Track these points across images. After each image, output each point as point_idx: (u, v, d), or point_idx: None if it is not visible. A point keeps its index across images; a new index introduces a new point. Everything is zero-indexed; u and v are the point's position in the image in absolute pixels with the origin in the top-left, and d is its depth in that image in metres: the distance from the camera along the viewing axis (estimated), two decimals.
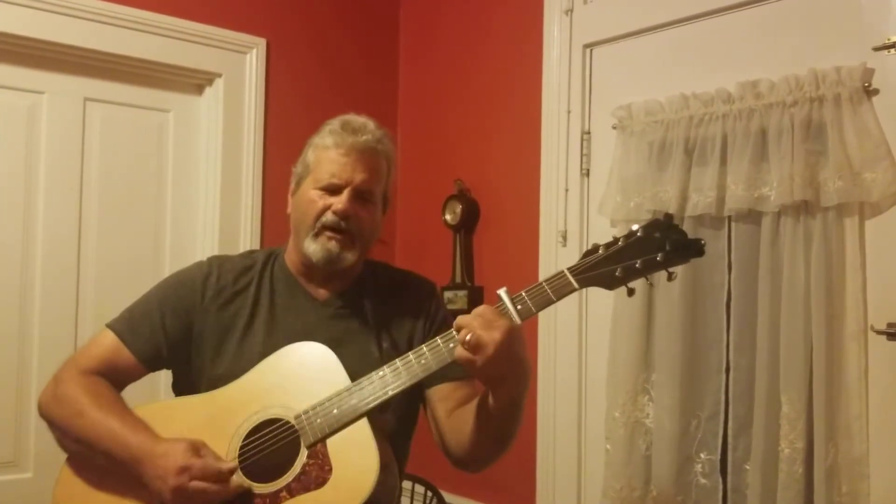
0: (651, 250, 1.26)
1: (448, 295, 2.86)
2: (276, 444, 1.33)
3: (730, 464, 2.13)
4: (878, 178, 1.87)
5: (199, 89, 2.89)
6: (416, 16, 3.25)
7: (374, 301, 1.53)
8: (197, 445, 1.32)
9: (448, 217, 2.93)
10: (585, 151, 2.56)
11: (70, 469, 1.41)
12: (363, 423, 1.31)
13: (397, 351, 1.49)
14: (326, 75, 3.07)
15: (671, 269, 1.27)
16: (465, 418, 1.42)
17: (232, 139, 2.84)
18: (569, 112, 2.59)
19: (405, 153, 3.18)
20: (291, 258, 1.54)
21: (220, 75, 2.82)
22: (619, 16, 2.48)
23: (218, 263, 1.54)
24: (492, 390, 1.30)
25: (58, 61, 2.59)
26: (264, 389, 1.37)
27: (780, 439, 1.99)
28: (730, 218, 2.15)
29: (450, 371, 1.44)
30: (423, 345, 1.32)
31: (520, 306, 1.26)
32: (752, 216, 2.11)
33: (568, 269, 1.28)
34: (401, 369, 1.31)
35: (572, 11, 2.60)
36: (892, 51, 1.88)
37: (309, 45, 3.04)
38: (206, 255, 2.75)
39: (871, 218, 1.92)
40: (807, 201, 1.97)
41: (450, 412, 1.47)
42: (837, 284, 1.93)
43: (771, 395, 2.02)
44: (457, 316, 1.27)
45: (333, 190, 1.44)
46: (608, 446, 2.37)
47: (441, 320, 1.58)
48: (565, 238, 2.58)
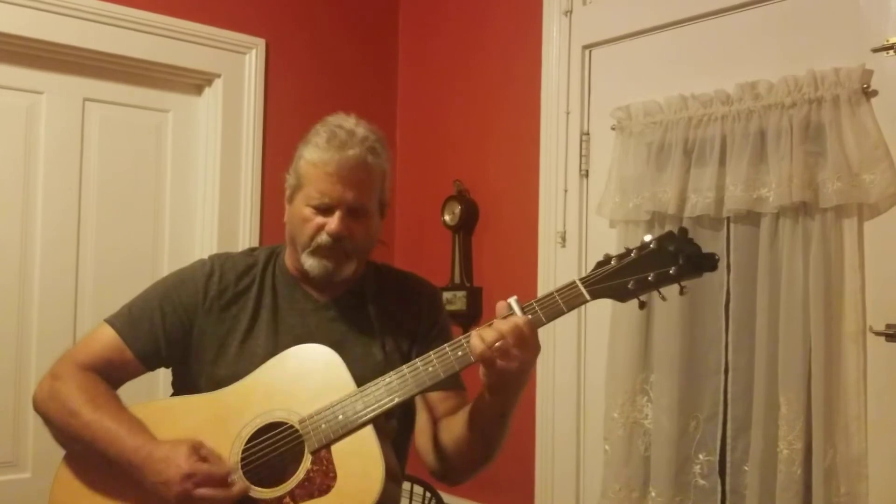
0: (664, 263, 1.24)
1: (447, 295, 2.86)
2: (279, 449, 1.31)
3: (728, 464, 2.13)
4: (876, 179, 1.88)
5: (198, 89, 2.89)
6: (416, 17, 3.25)
7: (376, 303, 1.51)
8: (198, 448, 1.30)
9: (447, 218, 2.93)
10: (584, 152, 2.56)
11: (67, 468, 1.39)
12: (368, 429, 1.29)
13: (399, 353, 1.48)
14: (325, 76, 3.07)
15: (683, 283, 1.26)
16: (452, 428, 1.41)
17: (231, 139, 2.84)
18: (568, 113, 2.59)
19: (404, 154, 3.19)
20: (291, 261, 1.52)
21: (219, 76, 2.82)
22: (618, 17, 2.49)
23: (220, 262, 1.52)
24: (490, 395, 1.29)
25: (57, 61, 2.58)
26: (268, 392, 1.35)
27: (778, 440, 1.99)
28: (728, 219, 2.16)
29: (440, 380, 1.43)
30: (431, 352, 1.30)
31: (530, 316, 1.25)
32: (750, 217, 2.11)
33: (580, 279, 1.26)
34: (408, 376, 1.29)
35: (571, 12, 2.60)
36: (891, 52, 1.89)
37: (308, 46, 3.04)
38: (205, 254, 2.76)
39: (870, 219, 1.92)
40: (805, 202, 1.98)
41: (436, 420, 1.46)
42: (836, 285, 1.94)
43: (770, 395, 2.03)
44: (456, 317, 1.26)
45: (325, 209, 1.41)
46: (607, 447, 2.37)
47: (443, 323, 1.57)
48: (564, 239, 2.58)
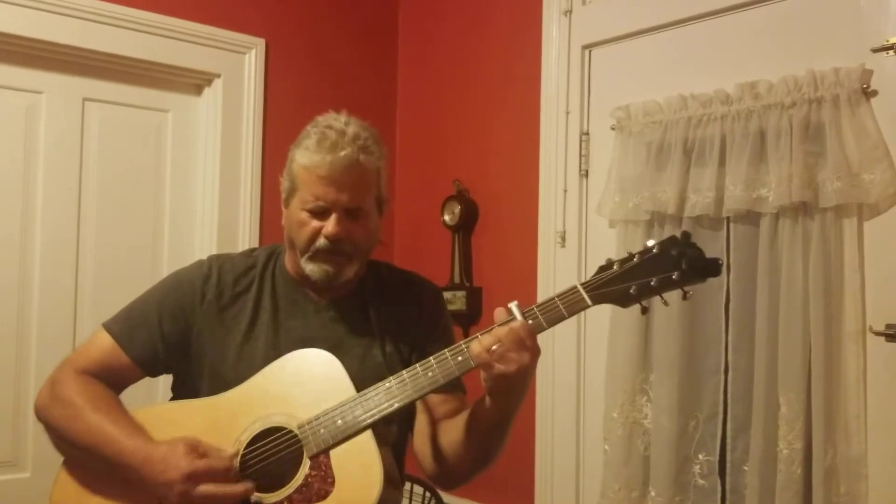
0: (667, 268, 1.22)
1: (447, 295, 2.85)
2: (278, 454, 1.31)
3: (728, 464, 2.13)
4: (876, 179, 1.88)
5: (197, 89, 2.89)
6: (415, 17, 3.25)
7: (376, 304, 1.50)
8: (195, 445, 1.29)
9: (447, 217, 2.93)
10: (584, 152, 2.56)
11: (67, 471, 1.39)
12: (367, 435, 1.28)
13: (400, 355, 1.47)
14: (325, 76, 3.07)
15: (687, 289, 1.24)
16: (451, 431, 1.40)
17: (230, 139, 2.84)
18: (567, 113, 2.59)
19: (404, 154, 3.19)
20: (291, 263, 1.50)
21: (218, 76, 2.82)
22: (617, 17, 2.49)
23: (218, 264, 1.51)
24: (491, 400, 1.28)
25: (57, 61, 2.58)
26: (268, 396, 1.35)
27: (778, 440, 1.99)
28: (728, 219, 2.15)
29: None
30: (431, 357, 1.29)
31: (531, 321, 1.24)
32: (750, 217, 2.11)
33: (581, 284, 1.25)
34: (407, 381, 1.28)
35: (571, 12, 2.60)
36: (891, 52, 1.89)
37: (308, 46, 3.04)
38: (205, 254, 2.76)
39: (870, 219, 1.92)
40: (805, 202, 1.98)
41: (434, 423, 1.45)
42: (836, 285, 1.94)
43: (769, 395, 2.03)
44: (456, 317, 1.25)
45: (320, 212, 1.39)
46: (606, 447, 2.37)
47: (444, 325, 1.56)
48: (564, 239, 2.58)
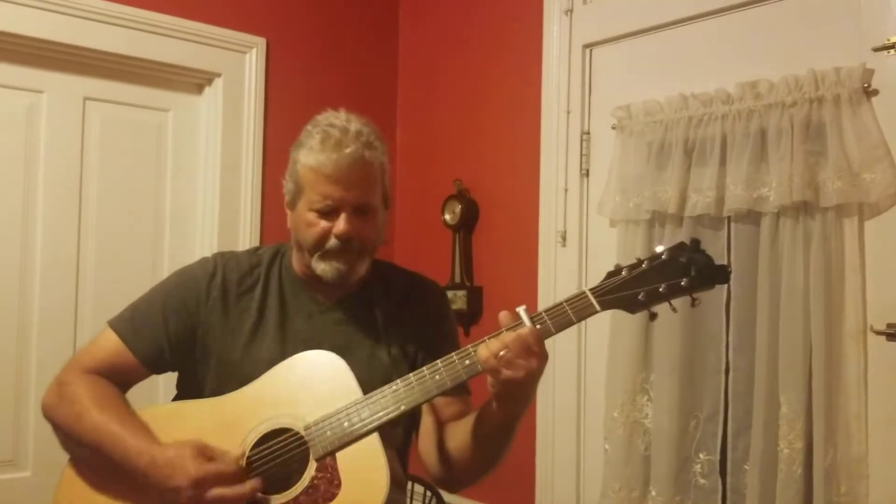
0: (676, 274, 1.22)
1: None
2: (284, 455, 1.30)
3: (729, 464, 2.13)
4: (877, 178, 1.87)
5: (198, 89, 2.89)
6: (416, 16, 3.25)
7: (382, 305, 1.49)
8: (203, 449, 1.28)
9: (447, 217, 2.93)
10: (585, 151, 2.56)
11: (72, 470, 1.39)
12: (374, 437, 1.28)
13: (406, 356, 1.47)
14: (326, 75, 3.07)
15: (695, 295, 1.23)
16: (456, 434, 1.40)
17: (231, 139, 2.84)
18: (568, 112, 2.59)
19: (404, 153, 3.18)
20: (297, 263, 1.49)
21: (219, 75, 2.82)
22: (618, 16, 2.49)
23: (223, 262, 1.49)
24: (497, 404, 1.28)
25: (57, 60, 2.58)
26: (274, 398, 1.34)
27: (779, 439, 1.99)
28: (729, 218, 2.15)
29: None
30: (438, 360, 1.28)
31: (539, 326, 1.23)
32: (751, 216, 2.11)
33: (590, 289, 1.24)
34: (414, 384, 1.28)
35: (572, 11, 2.60)
36: (892, 51, 1.88)
37: (308, 46, 3.04)
38: (206, 253, 2.76)
39: (871, 218, 1.92)
40: (806, 202, 1.97)
41: (440, 425, 1.44)
42: (836, 285, 1.93)
43: (770, 395, 2.02)
44: (456, 317, 1.24)
45: (329, 212, 1.38)
46: (607, 446, 2.37)
47: (449, 325, 1.56)
48: (564, 238, 2.58)
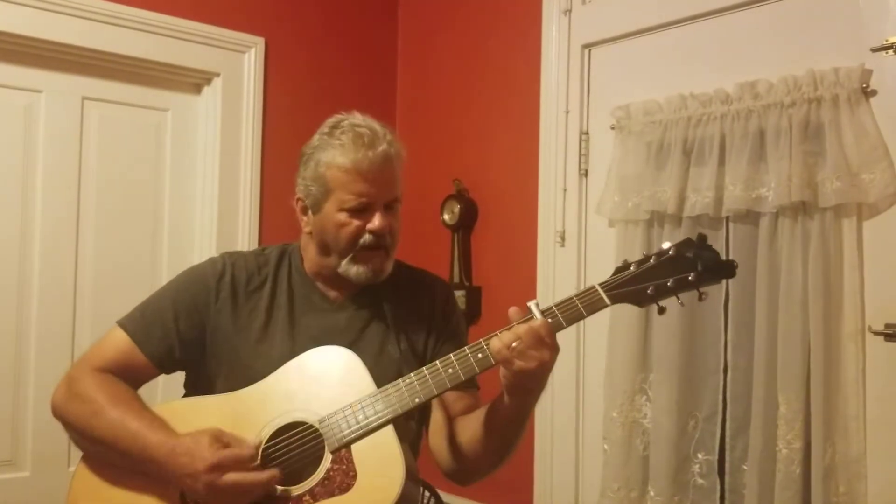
0: (683, 269, 1.26)
1: None
2: (299, 448, 1.31)
3: (727, 464, 2.13)
4: (875, 178, 1.88)
5: (197, 88, 2.89)
6: (415, 15, 3.25)
7: (390, 301, 1.51)
8: (219, 436, 1.29)
9: (446, 217, 2.93)
10: (584, 151, 2.56)
11: (86, 466, 1.39)
12: (388, 430, 1.29)
13: (415, 350, 1.49)
14: (325, 75, 3.07)
15: (703, 290, 1.27)
16: (467, 428, 1.41)
17: (230, 138, 2.84)
18: (567, 112, 2.59)
19: None
20: (309, 262, 1.51)
21: (218, 74, 2.82)
22: (617, 16, 2.49)
23: (231, 262, 1.51)
24: (509, 397, 1.29)
25: (56, 60, 2.58)
26: (288, 392, 1.35)
27: (777, 439, 1.99)
28: (728, 218, 2.16)
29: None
30: (451, 354, 1.30)
31: (550, 319, 1.25)
32: (749, 217, 2.11)
33: (599, 284, 1.28)
34: (428, 378, 1.29)
35: (571, 12, 2.60)
36: (891, 52, 1.88)
37: (307, 45, 3.04)
38: (204, 254, 2.79)
39: (869, 219, 1.92)
40: (805, 202, 1.98)
41: (451, 420, 1.46)
42: (835, 285, 1.94)
43: (769, 395, 2.03)
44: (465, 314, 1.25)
45: (360, 209, 1.41)
46: (606, 446, 2.37)
47: (457, 320, 1.58)
48: (563, 238, 2.58)
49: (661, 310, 1.29)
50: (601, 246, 2.48)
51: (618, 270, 1.29)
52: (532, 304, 1.26)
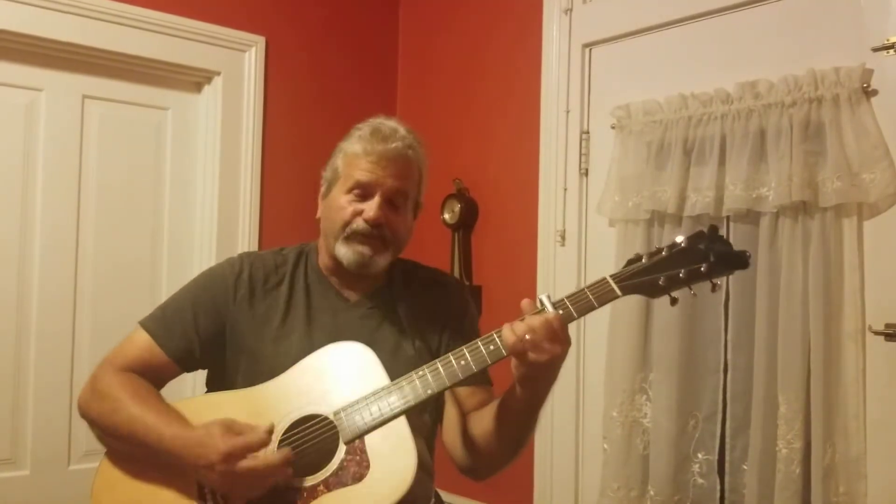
0: (695, 260, 1.27)
1: None
2: (314, 440, 1.33)
3: (727, 464, 2.13)
4: (876, 178, 1.88)
5: (197, 87, 2.89)
6: (416, 14, 3.25)
7: (404, 299, 1.54)
8: (230, 425, 1.32)
9: (447, 216, 2.93)
10: (584, 151, 2.56)
11: (109, 461, 1.43)
12: (402, 421, 1.30)
13: (429, 348, 1.50)
14: (325, 74, 3.07)
15: (715, 280, 1.28)
16: (481, 422, 1.42)
17: (230, 137, 2.84)
18: (568, 112, 2.59)
19: None
20: (322, 258, 1.55)
21: (218, 73, 2.82)
22: (618, 15, 2.49)
23: (249, 261, 1.54)
24: (521, 388, 1.30)
25: (56, 58, 2.58)
26: (303, 387, 1.38)
27: (777, 439, 1.99)
28: (728, 218, 2.15)
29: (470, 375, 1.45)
30: (463, 346, 1.31)
31: (561, 311, 1.26)
32: (750, 216, 2.11)
33: (611, 276, 1.28)
34: (440, 370, 1.30)
35: (571, 11, 2.60)
36: (891, 51, 1.88)
37: (308, 44, 3.04)
38: (204, 252, 2.80)
39: (870, 218, 1.92)
40: (805, 202, 1.98)
41: (465, 416, 1.48)
42: (835, 285, 1.94)
43: (769, 394, 2.03)
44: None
45: (363, 195, 1.44)
46: (606, 446, 2.37)
47: (471, 318, 1.59)
48: (564, 237, 2.58)
49: (674, 301, 1.29)
50: (601, 245, 2.48)
51: (629, 262, 1.30)
52: (544, 296, 1.27)
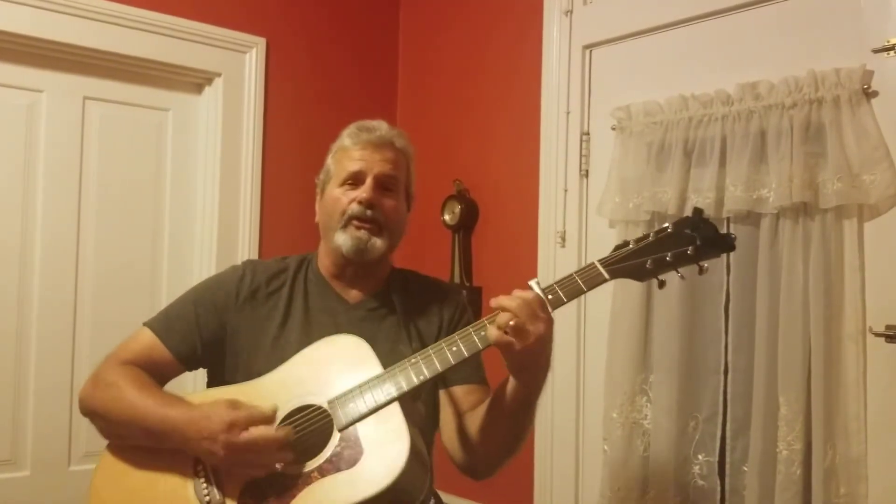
0: (682, 244, 1.29)
1: None
2: (308, 428, 1.35)
3: (728, 465, 2.13)
4: (876, 179, 1.87)
5: (198, 88, 2.89)
6: (416, 15, 3.25)
7: (403, 304, 1.58)
8: (234, 402, 1.35)
9: (447, 217, 2.93)
10: (584, 152, 2.56)
11: (110, 454, 1.45)
12: (395, 408, 1.32)
13: None
14: (326, 75, 3.07)
15: (702, 263, 1.30)
16: (477, 419, 1.44)
17: (231, 138, 2.84)
18: (568, 113, 2.59)
19: None
20: (323, 262, 1.60)
21: (219, 74, 2.82)
22: (618, 17, 2.49)
23: (252, 267, 1.60)
24: (514, 377, 1.32)
25: (57, 60, 2.58)
26: (299, 378, 1.41)
27: (778, 440, 1.99)
28: (728, 219, 2.15)
29: (465, 374, 1.49)
30: (455, 333, 1.33)
31: (551, 296, 1.28)
32: (750, 218, 2.11)
33: (598, 260, 1.31)
34: (432, 356, 1.32)
35: (572, 12, 2.60)
36: (892, 53, 1.88)
37: (308, 45, 3.04)
38: (205, 254, 2.80)
39: (870, 220, 1.92)
40: (805, 203, 1.97)
41: (462, 415, 1.50)
42: (836, 286, 1.93)
43: (769, 396, 2.02)
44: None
45: (356, 183, 1.51)
46: (606, 447, 2.37)
47: (468, 321, 1.60)
48: (564, 239, 2.58)
49: (661, 283, 1.31)
50: (602, 247, 2.45)
51: (617, 248, 1.32)
52: (533, 282, 1.29)
